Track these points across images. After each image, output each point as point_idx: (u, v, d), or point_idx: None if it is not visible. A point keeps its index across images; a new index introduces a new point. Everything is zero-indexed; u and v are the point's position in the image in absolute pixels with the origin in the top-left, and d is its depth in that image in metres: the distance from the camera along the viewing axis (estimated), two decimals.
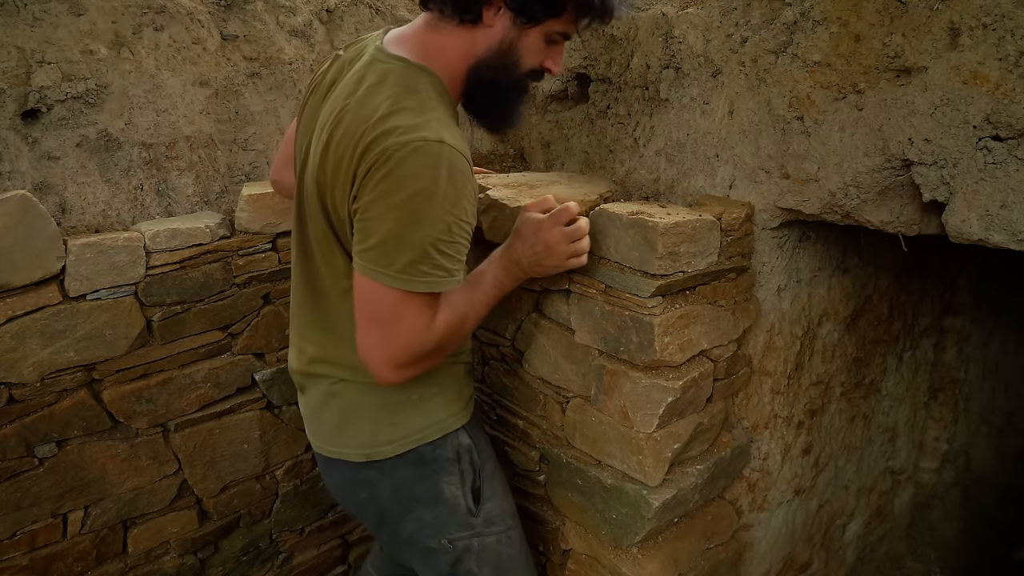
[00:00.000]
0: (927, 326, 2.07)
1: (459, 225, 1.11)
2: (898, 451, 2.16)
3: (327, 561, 2.16)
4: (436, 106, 1.12)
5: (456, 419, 1.35)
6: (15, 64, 1.50)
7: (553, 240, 1.26)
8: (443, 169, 1.06)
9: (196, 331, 1.72)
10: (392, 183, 1.05)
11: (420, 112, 1.09)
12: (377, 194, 1.07)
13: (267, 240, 1.80)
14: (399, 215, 1.06)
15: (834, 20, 1.21)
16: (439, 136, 1.06)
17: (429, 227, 1.07)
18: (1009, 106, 1.02)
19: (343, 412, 1.32)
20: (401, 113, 1.08)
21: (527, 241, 1.28)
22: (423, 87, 1.14)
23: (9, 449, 1.51)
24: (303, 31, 1.97)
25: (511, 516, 1.43)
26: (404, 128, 1.06)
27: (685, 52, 1.48)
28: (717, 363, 1.42)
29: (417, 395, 1.31)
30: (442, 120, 1.10)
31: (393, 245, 1.07)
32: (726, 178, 1.45)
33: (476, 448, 1.37)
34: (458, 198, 1.09)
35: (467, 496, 1.35)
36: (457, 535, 1.35)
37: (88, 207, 1.64)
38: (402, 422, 1.31)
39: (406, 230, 1.07)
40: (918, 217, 1.24)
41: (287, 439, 1.95)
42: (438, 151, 1.06)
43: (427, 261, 1.09)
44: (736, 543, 1.61)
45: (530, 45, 1.18)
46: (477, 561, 1.36)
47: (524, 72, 1.21)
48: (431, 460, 1.33)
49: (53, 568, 1.64)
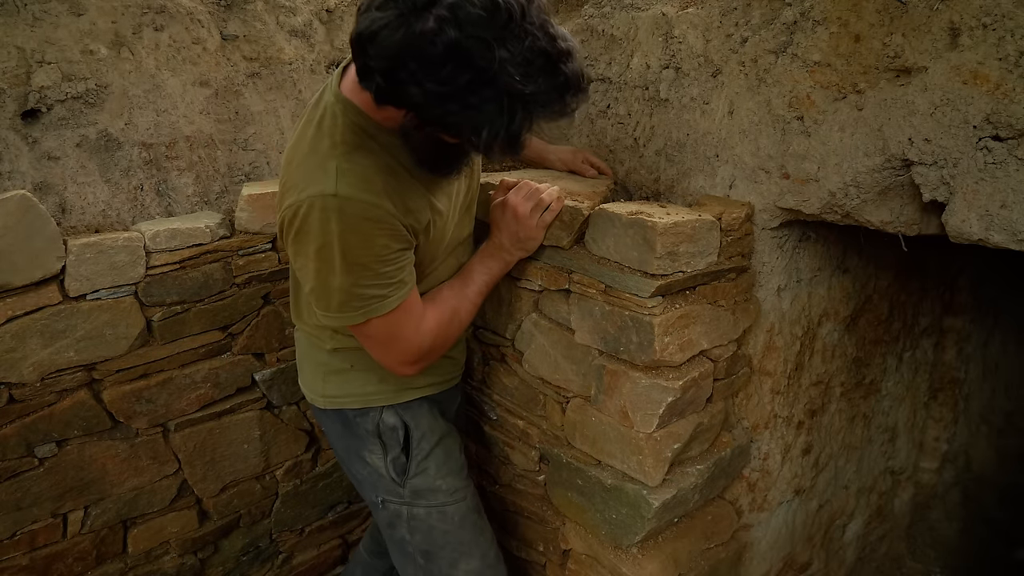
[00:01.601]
0: (927, 326, 2.07)
1: (377, 261, 1.16)
2: (898, 451, 2.16)
3: (327, 561, 2.16)
4: (344, 151, 1.14)
5: (383, 397, 1.44)
6: (15, 64, 1.50)
7: (524, 211, 1.36)
8: (337, 223, 1.11)
9: (196, 331, 1.72)
10: (301, 238, 1.15)
11: (325, 160, 1.13)
12: (295, 247, 1.18)
13: (267, 240, 1.80)
14: (316, 266, 1.16)
15: (834, 20, 1.21)
16: (333, 190, 1.10)
17: (343, 275, 1.15)
18: (1009, 106, 1.02)
19: (301, 356, 1.54)
20: (307, 163, 1.15)
21: (503, 223, 1.40)
22: (340, 129, 1.16)
23: (9, 449, 1.51)
24: (303, 31, 1.97)
25: (445, 495, 1.47)
26: (305, 183, 1.13)
27: (685, 52, 1.48)
28: (717, 363, 1.42)
29: (348, 364, 1.43)
30: (343, 168, 1.12)
31: (321, 292, 1.19)
32: (726, 178, 1.45)
33: (407, 428, 1.45)
34: (366, 240, 1.14)
35: (388, 467, 1.45)
36: (387, 498, 1.47)
37: (88, 207, 1.64)
38: (331, 383, 1.45)
39: (325, 279, 1.17)
40: (918, 217, 1.24)
41: (287, 439, 1.95)
42: (330, 205, 1.10)
43: (355, 298, 1.18)
44: (736, 543, 1.61)
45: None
46: (408, 528, 1.47)
47: (449, 143, 1.15)
48: (354, 425, 1.46)
49: (53, 568, 1.64)
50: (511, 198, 1.38)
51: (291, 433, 1.95)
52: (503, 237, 1.41)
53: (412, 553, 1.48)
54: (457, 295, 1.37)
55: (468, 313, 1.40)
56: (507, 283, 1.56)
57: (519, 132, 1.02)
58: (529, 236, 1.39)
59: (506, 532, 1.78)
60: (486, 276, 1.41)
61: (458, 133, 1.06)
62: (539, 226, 1.39)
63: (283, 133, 1.95)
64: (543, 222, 1.39)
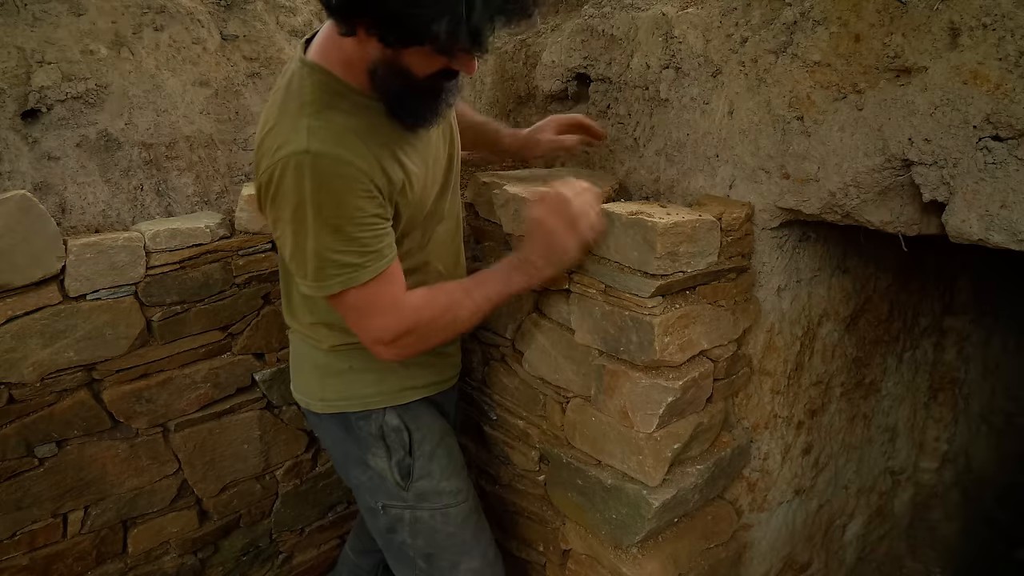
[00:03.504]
0: (927, 326, 2.07)
1: (351, 223, 1.13)
2: (898, 451, 2.16)
3: (327, 561, 2.16)
4: (314, 111, 1.13)
5: (383, 399, 1.40)
6: (15, 64, 1.50)
7: (561, 226, 1.26)
8: (310, 180, 1.09)
9: (196, 331, 1.72)
10: (279, 202, 1.13)
11: (295, 119, 1.12)
12: (274, 212, 1.16)
13: (267, 240, 1.80)
14: (292, 229, 1.14)
15: (834, 20, 1.21)
16: (305, 147, 1.09)
17: (316, 237, 1.13)
18: (1009, 106, 1.02)
19: (293, 357, 1.51)
20: (278, 126, 1.13)
21: (535, 238, 1.29)
22: (308, 89, 1.14)
23: (9, 449, 1.51)
24: (303, 31, 1.97)
25: (449, 496, 1.45)
26: (277, 145, 1.11)
27: (685, 52, 1.48)
28: (717, 363, 1.42)
29: (347, 365, 1.39)
30: (313, 126, 1.11)
31: (299, 257, 1.17)
32: (726, 178, 1.45)
33: (409, 429, 1.42)
34: (339, 199, 1.11)
35: (393, 470, 1.42)
36: (388, 503, 1.44)
37: (88, 207, 1.64)
38: (329, 385, 1.41)
39: (301, 242, 1.14)
40: (918, 217, 1.24)
41: (287, 439, 1.95)
42: (303, 163, 1.09)
43: (329, 264, 1.15)
44: (736, 543, 1.61)
45: (416, 59, 1.09)
46: (410, 531, 1.44)
47: (421, 77, 1.13)
48: (356, 429, 1.42)
49: (53, 568, 1.64)
50: (544, 212, 1.28)
51: (291, 433, 1.95)
52: (534, 252, 1.29)
53: (413, 557, 1.46)
54: (461, 291, 1.29)
55: (469, 315, 1.29)
56: None
57: (480, 26, 0.97)
58: (564, 253, 1.28)
59: (506, 532, 1.78)
60: (502, 286, 1.30)
61: (417, 32, 1.00)
62: (577, 245, 1.28)
63: None
64: (582, 240, 1.28)
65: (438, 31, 0.97)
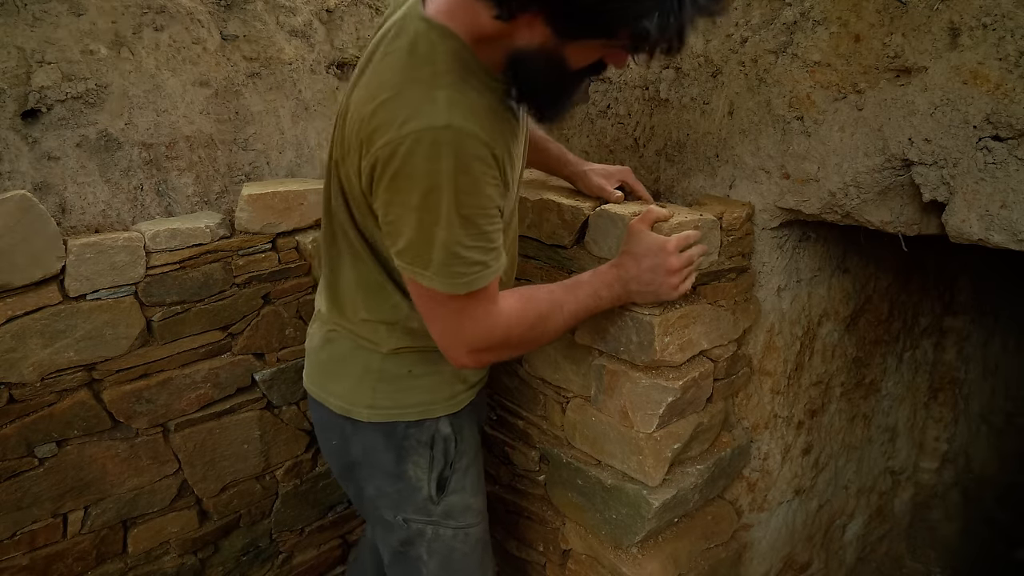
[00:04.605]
0: (927, 326, 2.07)
1: (483, 214, 1.03)
2: (898, 451, 2.16)
3: (327, 561, 2.16)
4: (451, 81, 1.00)
5: (441, 407, 1.31)
6: (15, 64, 1.50)
7: (676, 265, 1.19)
8: (450, 160, 0.97)
9: (196, 331, 1.72)
10: (402, 183, 0.99)
11: (428, 89, 0.99)
12: (391, 195, 1.02)
13: (267, 240, 1.80)
14: (418, 216, 1.00)
15: (834, 20, 1.21)
16: (445, 121, 0.96)
17: (448, 225, 1.00)
18: (1009, 106, 1.02)
19: (333, 359, 1.32)
20: (403, 95, 0.99)
21: (643, 262, 1.20)
22: (440, 57, 1.01)
23: (9, 449, 1.51)
24: (303, 31, 1.97)
25: (474, 515, 1.39)
26: (405, 117, 0.98)
27: (685, 52, 1.48)
28: (717, 363, 1.42)
29: (407, 369, 1.27)
30: (453, 98, 0.98)
31: (421, 247, 1.03)
32: (726, 178, 1.45)
33: (456, 440, 1.33)
34: (476, 185, 1.00)
35: (431, 483, 1.32)
36: (413, 516, 1.33)
37: (88, 207, 1.64)
38: (382, 391, 1.28)
39: (428, 231, 1.01)
40: (918, 217, 1.25)
41: (287, 439, 1.95)
42: (442, 139, 0.96)
43: (457, 260, 1.03)
44: (736, 543, 1.61)
45: (578, 51, 1.00)
46: (428, 549, 1.35)
47: (574, 70, 1.04)
48: (403, 437, 1.30)
49: (53, 568, 1.63)
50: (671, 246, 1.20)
51: (291, 433, 1.95)
52: (634, 275, 1.21)
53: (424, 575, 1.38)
54: (554, 303, 1.17)
55: (556, 329, 1.19)
56: None
57: (684, 23, 0.88)
58: (661, 288, 1.21)
59: (506, 532, 1.78)
60: (592, 302, 1.21)
61: (612, 26, 0.89)
62: (676, 287, 1.22)
63: (283, 133, 1.95)
64: (683, 286, 1.22)
65: (642, 35, 0.87)
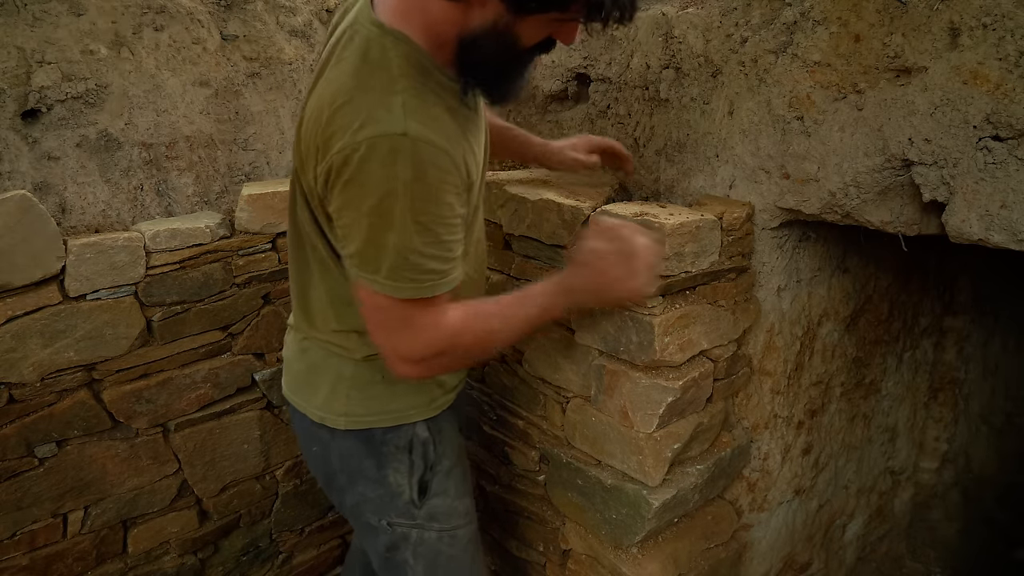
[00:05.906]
0: (927, 326, 2.07)
1: (441, 223, 1.01)
2: (898, 451, 2.16)
3: (327, 561, 2.16)
4: (407, 86, 0.99)
5: (416, 412, 1.30)
6: (15, 64, 1.50)
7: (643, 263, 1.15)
8: (407, 167, 0.95)
9: (196, 331, 1.72)
10: (356, 189, 0.98)
11: (384, 95, 0.97)
12: (344, 200, 1.01)
13: (267, 240, 1.80)
14: (370, 222, 0.99)
15: (834, 20, 1.21)
16: (402, 128, 0.95)
17: (402, 232, 0.98)
18: (1009, 106, 1.02)
19: (309, 368, 1.31)
20: (356, 101, 0.98)
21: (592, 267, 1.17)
22: (394, 62, 1.00)
23: (9, 449, 1.51)
24: (303, 31, 1.97)
25: (460, 516, 1.37)
26: (359, 123, 0.96)
27: (685, 52, 1.48)
28: (717, 363, 1.42)
29: (379, 376, 1.26)
30: (410, 104, 0.97)
31: (372, 253, 1.01)
32: (726, 178, 1.45)
33: (435, 442, 1.32)
34: (433, 193, 0.99)
35: (412, 487, 1.31)
36: (397, 520, 1.32)
37: (88, 207, 1.64)
38: (355, 399, 1.27)
39: (380, 236, 0.99)
40: (918, 217, 1.25)
41: (287, 439, 1.95)
42: (399, 146, 0.95)
43: (409, 267, 1.01)
44: (736, 543, 1.61)
45: (530, 27, 0.99)
46: (413, 552, 1.33)
47: (524, 48, 1.02)
48: (381, 443, 1.29)
49: (53, 568, 1.63)
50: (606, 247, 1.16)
51: (291, 433, 1.95)
52: (583, 283, 1.18)
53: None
54: (502, 316, 1.15)
55: (505, 340, 1.18)
56: (506, 282, 1.56)
57: None
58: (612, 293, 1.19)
59: (506, 532, 1.78)
60: (542, 311, 1.17)
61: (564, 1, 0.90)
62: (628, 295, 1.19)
63: (283, 133, 1.95)
64: (635, 292, 1.18)
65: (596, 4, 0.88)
